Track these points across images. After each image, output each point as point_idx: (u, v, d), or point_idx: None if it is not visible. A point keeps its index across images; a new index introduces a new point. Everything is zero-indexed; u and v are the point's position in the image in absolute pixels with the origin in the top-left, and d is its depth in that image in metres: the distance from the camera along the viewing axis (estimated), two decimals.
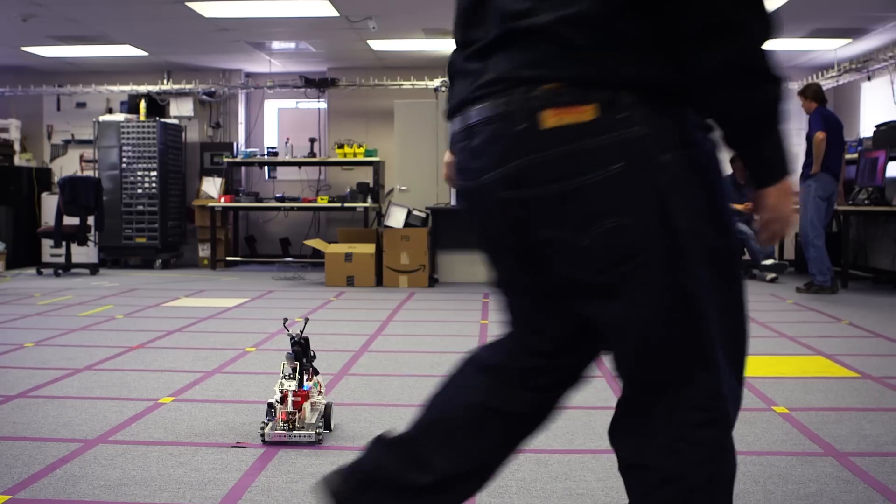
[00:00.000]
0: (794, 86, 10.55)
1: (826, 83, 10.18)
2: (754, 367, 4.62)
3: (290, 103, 11.83)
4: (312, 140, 10.68)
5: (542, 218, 1.52)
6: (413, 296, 7.87)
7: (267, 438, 3.19)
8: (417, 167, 9.38)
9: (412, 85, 10.61)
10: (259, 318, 6.37)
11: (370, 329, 5.88)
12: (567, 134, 1.45)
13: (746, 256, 9.75)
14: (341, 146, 10.30)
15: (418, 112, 9.41)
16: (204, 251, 10.67)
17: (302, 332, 3.40)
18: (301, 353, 3.34)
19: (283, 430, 3.21)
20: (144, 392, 4.02)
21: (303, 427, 3.22)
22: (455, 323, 6.23)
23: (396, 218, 8.74)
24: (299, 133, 11.19)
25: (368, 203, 9.91)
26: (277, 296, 7.80)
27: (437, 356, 4.94)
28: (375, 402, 3.88)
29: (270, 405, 3.31)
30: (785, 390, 4.12)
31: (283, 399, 3.25)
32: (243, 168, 11.38)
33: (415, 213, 8.82)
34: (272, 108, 11.97)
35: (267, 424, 3.24)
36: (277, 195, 10.56)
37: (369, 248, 8.70)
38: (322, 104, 11.41)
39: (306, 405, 3.29)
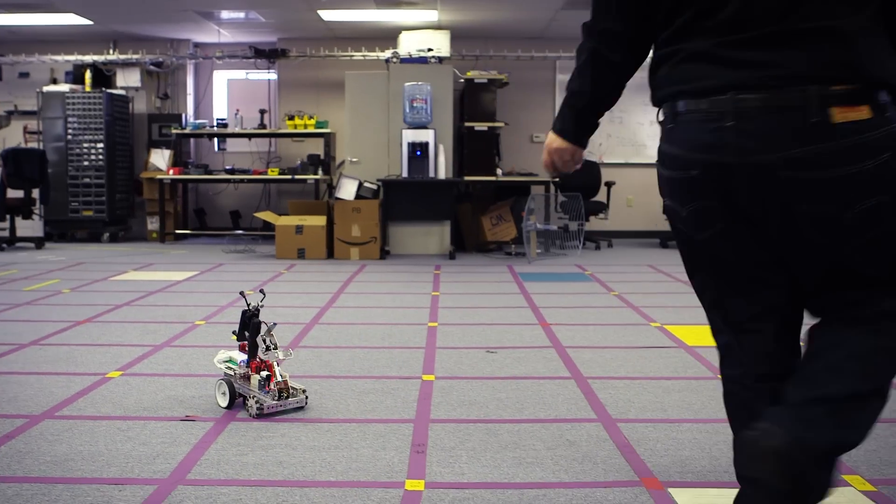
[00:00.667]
0: None
1: None
2: (702, 336, 4.69)
3: (239, 74, 11.67)
4: (262, 111, 10.57)
5: (812, 196, 1.78)
6: (364, 268, 7.86)
7: (267, 410, 3.18)
8: (368, 139, 9.33)
9: (363, 56, 10.53)
10: (209, 292, 6.32)
11: (321, 301, 5.86)
12: (850, 129, 1.73)
13: None
14: (292, 118, 10.21)
15: (369, 83, 9.34)
16: (153, 224, 10.54)
17: (260, 304, 3.38)
18: (252, 325, 3.32)
19: (279, 399, 3.21)
20: (92, 367, 3.97)
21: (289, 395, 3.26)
22: (406, 295, 6.23)
23: (347, 190, 8.71)
24: (249, 104, 11.06)
25: (319, 175, 9.85)
26: (227, 269, 7.74)
27: (389, 328, 4.95)
28: (326, 375, 3.87)
29: (232, 379, 3.30)
30: None
31: (260, 370, 3.26)
32: (192, 140, 11.23)
33: (366, 185, 8.79)
34: (221, 79, 11.82)
35: (252, 398, 3.21)
36: (227, 167, 10.44)
37: (320, 221, 8.65)
38: (272, 75, 11.29)
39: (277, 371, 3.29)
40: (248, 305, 3.36)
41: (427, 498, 2.44)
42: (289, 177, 9.89)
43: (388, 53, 9.70)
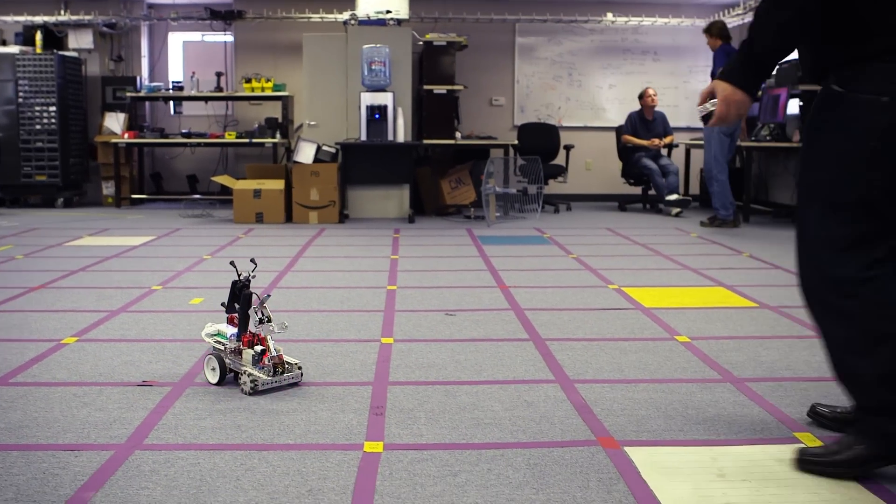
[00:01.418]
0: (700, 23, 10.69)
1: (732, 21, 10.33)
2: (659, 298, 4.74)
3: (195, 36, 11.50)
4: (219, 74, 10.43)
5: None
6: (323, 232, 7.83)
7: (262, 387, 3.02)
8: (327, 102, 9.25)
9: (321, 18, 10.42)
10: (166, 257, 6.26)
11: (279, 265, 5.83)
12: None
13: (652, 192, 9.94)
14: (249, 80, 10.09)
15: (327, 46, 9.24)
16: (108, 189, 10.39)
17: (251, 274, 3.19)
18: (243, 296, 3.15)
19: (275, 375, 3.07)
20: (46, 333, 3.93)
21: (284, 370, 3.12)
22: (365, 258, 6.22)
23: (306, 153, 8.64)
24: (205, 67, 10.91)
25: (277, 139, 9.77)
26: (185, 233, 7.67)
27: (347, 291, 4.94)
28: (284, 339, 3.85)
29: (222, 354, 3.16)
30: (687, 320, 4.24)
31: (253, 344, 3.10)
32: (147, 103, 11.07)
33: (324, 148, 8.73)
34: (177, 42, 11.63)
35: (246, 374, 3.03)
36: (184, 131, 10.31)
37: (278, 185, 8.59)
38: (228, 37, 11.13)
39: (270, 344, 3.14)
40: (239, 276, 3.18)
41: (385, 459, 2.46)
42: (246, 140, 9.79)
43: (346, 15, 9.60)
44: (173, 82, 10.49)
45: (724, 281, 5.30)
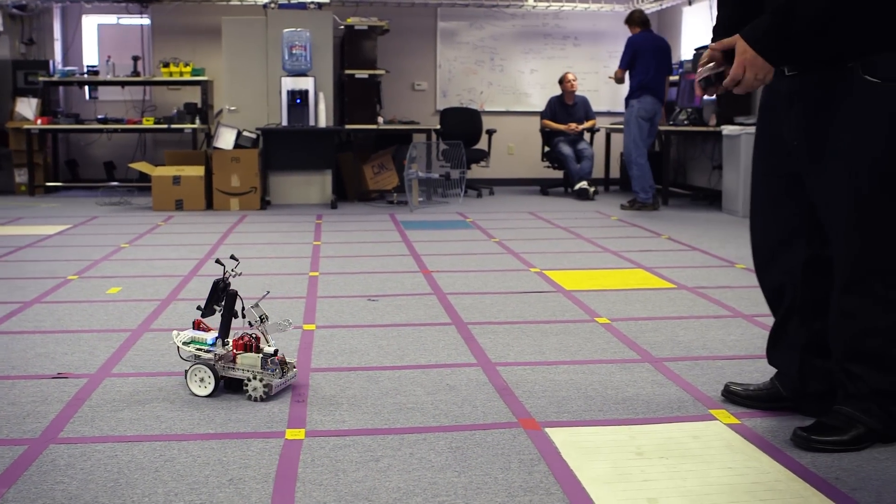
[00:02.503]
0: (619, 9, 10.82)
1: (650, 7, 10.47)
2: (579, 281, 4.80)
3: (110, 19, 11.22)
4: (136, 58, 10.19)
5: None
6: (245, 218, 7.74)
7: (274, 391, 2.83)
8: (247, 87, 9.12)
9: (240, 1, 10.27)
10: (82, 245, 6.12)
11: (200, 253, 5.75)
12: None
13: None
14: (167, 65, 9.88)
15: (247, 29, 9.11)
16: (21, 177, 10.10)
17: (233, 272, 3.02)
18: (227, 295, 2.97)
19: (283, 376, 2.90)
20: None
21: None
22: (287, 245, 6.17)
23: (226, 139, 8.52)
24: (121, 51, 10.65)
25: (197, 124, 9.61)
26: (102, 221, 7.50)
27: (269, 278, 4.90)
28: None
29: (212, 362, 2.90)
30: (607, 302, 4.30)
31: (248, 347, 2.90)
32: (61, 88, 10.77)
33: (245, 133, 8.61)
34: (91, 25, 11.34)
35: (257, 379, 2.82)
36: (100, 116, 10.07)
37: (198, 171, 8.46)
38: (145, 20, 10.89)
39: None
40: (224, 275, 2.99)
41: (307, 446, 2.45)
42: (165, 126, 9.61)
43: None
44: (88, 66, 10.22)
45: (644, 263, 5.39)
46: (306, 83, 8.59)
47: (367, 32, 9.26)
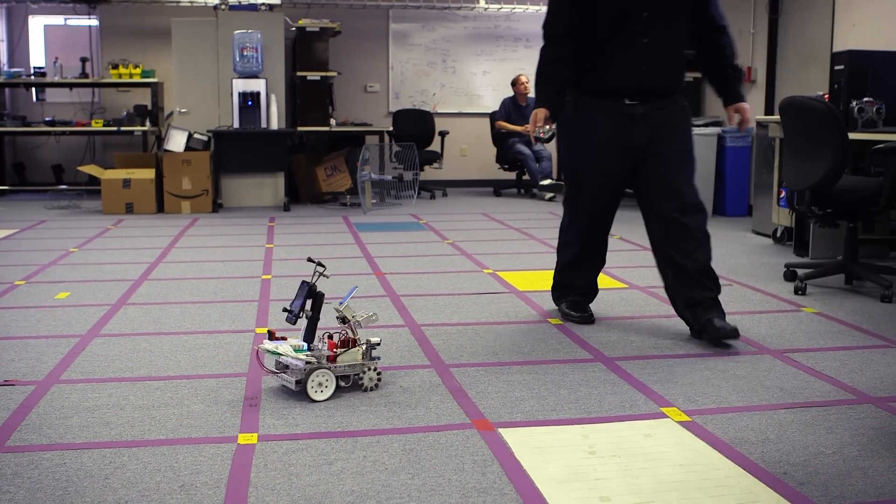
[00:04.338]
0: None
1: None
2: (532, 281, 4.82)
3: (57, 20, 11.05)
4: (84, 60, 10.04)
5: None
6: (196, 221, 7.67)
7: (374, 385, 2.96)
8: (198, 89, 9.04)
9: (190, 2, 10.17)
10: (30, 250, 6.02)
11: (150, 257, 5.69)
12: None
13: (526, 177, 10.10)
14: (116, 67, 9.76)
15: (197, 31, 9.02)
16: None
17: (324, 273, 3.05)
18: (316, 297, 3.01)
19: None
20: None
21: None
22: (240, 248, 6.13)
23: (177, 141, 8.43)
24: (69, 52, 10.49)
25: (147, 126, 9.50)
26: (50, 226, 7.39)
27: (221, 282, 4.86)
28: (155, 332, 3.77)
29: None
30: None
31: (346, 343, 3.00)
32: (7, 90, 10.57)
33: (196, 136, 8.53)
34: (37, 25, 11.16)
35: (371, 369, 2.96)
36: (47, 119, 9.91)
37: (149, 174, 8.36)
38: (93, 21, 10.74)
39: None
40: (313, 276, 3.03)
41: (260, 451, 2.43)
42: (114, 128, 9.49)
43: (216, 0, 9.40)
44: (35, 68, 10.05)
45: None
46: (258, 85, 8.53)
47: (318, 34, 9.22)
